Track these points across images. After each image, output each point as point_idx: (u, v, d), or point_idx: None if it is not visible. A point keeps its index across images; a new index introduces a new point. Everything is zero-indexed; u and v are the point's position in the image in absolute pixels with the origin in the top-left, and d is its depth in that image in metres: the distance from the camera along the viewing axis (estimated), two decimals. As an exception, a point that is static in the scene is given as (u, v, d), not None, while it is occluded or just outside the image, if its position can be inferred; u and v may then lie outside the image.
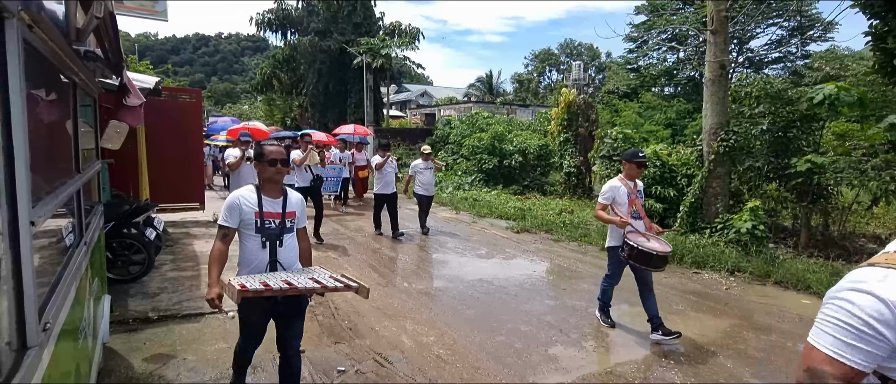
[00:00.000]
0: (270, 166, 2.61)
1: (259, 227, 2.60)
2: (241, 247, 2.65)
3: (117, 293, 4.86)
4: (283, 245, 2.66)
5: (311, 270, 2.73)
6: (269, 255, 2.63)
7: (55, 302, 1.65)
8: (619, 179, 4.25)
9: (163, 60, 68.87)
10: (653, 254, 3.91)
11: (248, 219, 2.59)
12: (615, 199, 4.16)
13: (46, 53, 1.64)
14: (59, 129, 2.26)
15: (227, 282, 2.32)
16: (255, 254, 2.62)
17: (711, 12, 7.61)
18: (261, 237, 2.60)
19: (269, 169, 2.61)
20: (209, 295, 2.43)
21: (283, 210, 2.67)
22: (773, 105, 7.38)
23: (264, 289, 2.25)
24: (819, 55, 21.35)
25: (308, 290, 2.38)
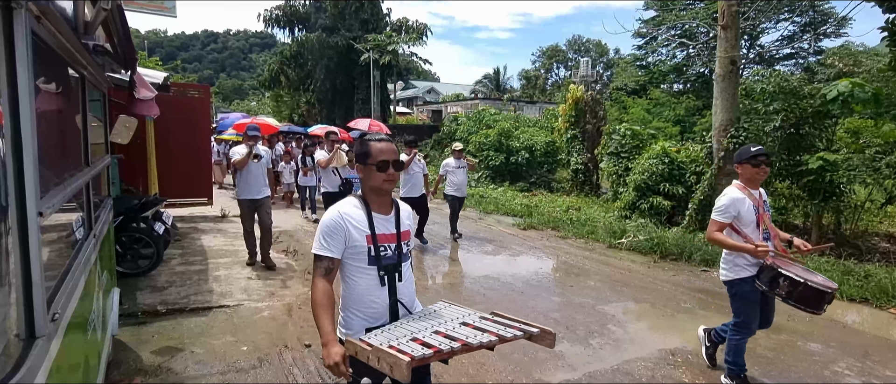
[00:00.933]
0: (380, 171, 1.86)
1: (373, 257, 1.89)
2: (348, 286, 1.93)
3: (126, 286, 4.91)
4: (402, 278, 1.97)
5: (447, 313, 2.00)
6: (389, 295, 1.92)
7: (64, 293, 1.66)
8: (738, 188, 3.13)
9: (172, 57, 69.40)
10: (827, 291, 2.87)
11: (358, 246, 1.88)
12: (739, 216, 3.05)
13: (55, 46, 1.65)
14: (68, 123, 2.28)
15: (367, 344, 1.62)
16: (370, 294, 1.90)
17: (722, 7, 7.51)
18: (377, 270, 1.90)
19: (377, 175, 1.86)
20: (331, 358, 1.68)
21: (398, 229, 1.97)
22: (788, 102, 7.28)
23: (433, 353, 1.60)
24: (832, 51, 21.04)
25: (484, 346, 1.71)
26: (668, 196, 8.26)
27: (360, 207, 1.91)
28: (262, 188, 5.76)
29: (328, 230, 1.85)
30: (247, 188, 5.69)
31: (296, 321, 4.34)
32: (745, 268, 3.07)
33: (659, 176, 8.35)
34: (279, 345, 3.84)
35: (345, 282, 1.94)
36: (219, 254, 6.56)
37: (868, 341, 4.16)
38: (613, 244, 7.47)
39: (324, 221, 1.88)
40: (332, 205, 1.92)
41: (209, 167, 8.66)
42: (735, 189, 3.13)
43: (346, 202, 1.95)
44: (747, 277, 3.05)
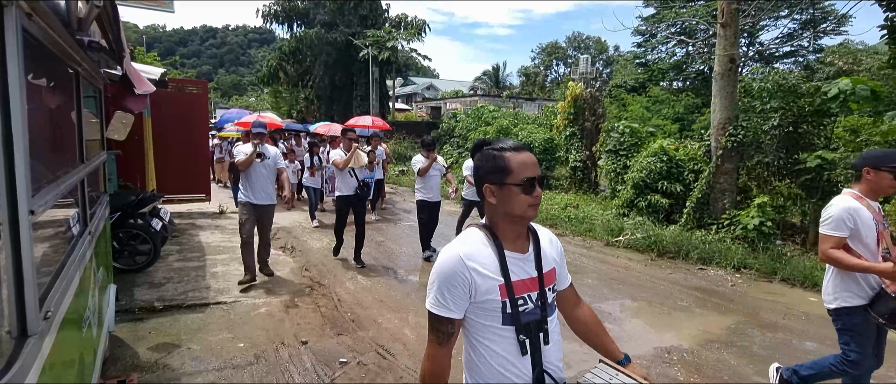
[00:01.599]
0: (526, 193, 1.35)
1: (510, 314, 1.37)
2: (474, 355, 1.43)
3: (123, 283, 4.91)
4: (549, 340, 1.44)
5: None
6: (532, 366, 1.39)
7: (58, 290, 1.66)
8: (854, 197, 2.61)
9: (171, 52, 69.16)
10: None
11: (489, 300, 1.36)
12: (857, 229, 2.54)
13: (47, 42, 1.64)
14: (63, 119, 2.27)
15: None
16: (506, 366, 1.39)
17: (722, 5, 7.50)
18: (515, 333, 1.38)
19: (521, 198, 1.35)
20: None
21: (540, 271, 1.42)
22: (786, 100, 7.27)
23: None
24: (831, 50, 21.02)
25: None
26: (667, 194, 8.27)
27: (487, 244, 1.38)
28: (269, 193, 5.14)
29: (446, 280, 1.34)
30: (250, 190, 5.06)
31: (292, 318, 4.34)
32: (858, 296, 2.59)
33: (657, 174, 8.35)
34: (276, 341, 3.85)
35: (470, 349, 1.43)
36: (216, 250, 6.56)
37: (863, 340, 4.16)
38: (611, 242, 7.48)
39: (440, 268, 1.35)
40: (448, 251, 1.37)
41: (207, 163, 8.64)
42: (850, 198, 2.60)
43: (469, 238, 1.40)
44: (859, 306, 2.58)
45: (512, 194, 1.36)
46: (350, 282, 5.40)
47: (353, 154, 5.80)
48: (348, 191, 5.91)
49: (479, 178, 1.42)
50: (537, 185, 1.37)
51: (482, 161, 1.42)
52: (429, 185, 6.37)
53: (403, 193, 13.33)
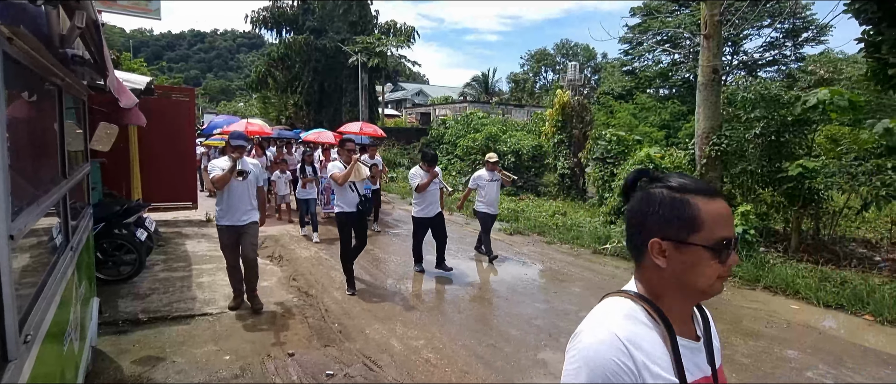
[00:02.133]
0: (719, 260, 0.94)
1: None
2: None
3: (107, 294, 4.84)
4: None
5: None
6: None
7: (38, 312, 1.64)
8: None
9: (158, 57, 68.46)
10: None
11: None
12: None
13: (28, 63, 1.63)
14: (44, 135, 2.25)
15: None
16: None
17: (705, 17, 7.65)
18: None
19: (712, 266, 0.94)
20: None
21: (713, 366, 1.06)
22: (769, 109, 7.43)
23: None
24: (813, 58, 21.50)
25: None
26: (653, 201, 8.37)
27: (651, 327, 0.96)
28: (248, 211, 4.57)
29: (602, 373, 0.90)
30: (228, 211, 4.48)
31: (279, 329, 4.31)
32: None
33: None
34: (262, 353, 3.82)
35: None
36: (203, 259, 6.49)
37: (843, 347, 4.26)
38: (598, 249, 7.55)
39: (592, 354, 0.93)
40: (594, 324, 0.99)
41: (194, 171, 8.56)
42: None
43: (619, 311, 0.99)
44: None
45: (699, 260, 0.94)
46: (338, 292, 5.38)
47: (353, 167, 5.15)
48: (349, 207, 5.26)
49: (640, 225, 1.00)
50: (733, 248, 0.95)
51: (651, 204, 0.98)
52: (427, 201, 6.00)
53: (392, 200, 13.32)
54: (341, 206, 5.30)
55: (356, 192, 5.29)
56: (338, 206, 5.34)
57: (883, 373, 3.79)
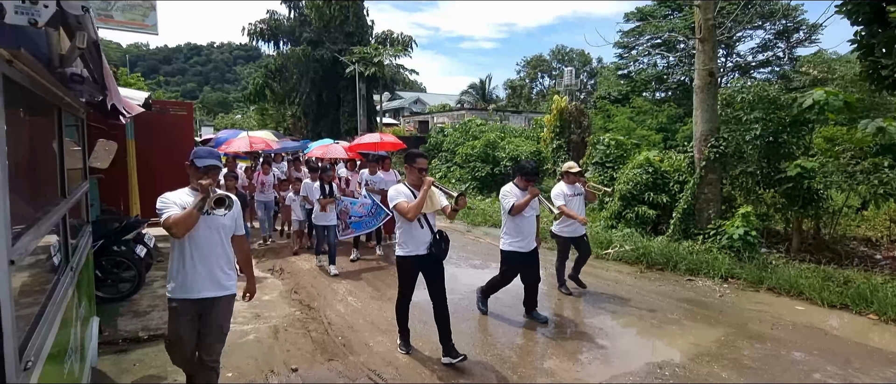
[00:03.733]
0: None
1: None
2: None
3: (107, 312, 4.79)
4: None
5: None
6: None
7: (39, 336, 1.61)
8: None
9: (155, 70, 68.63)
10: None
11: None
12: None
13: (28, 84, 1.62)
14: (43, 155, 2.23)
15: None
16: None
17: (699, 21, 7.70)
18: None
19: None
20: None
21: None
22: (766, 111, 7.45)
23: None
24: (806, 59, 21.64)
25: None
26: (653, 205, 8.37)
27: None
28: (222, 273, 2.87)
29: None
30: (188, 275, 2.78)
31: (282, 344, 4.27)
32: None
33: (643, 185, 8.45)
34: (265, 370, 3.78)
35: None
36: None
37: (849, 348, 4.23)
38: (600, 254, 7.52)
39: None
40: None
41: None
42: None
43: None
44: None
45: None
46: (340, 305, 5.34)
47: (426, 193, 3.65)
48: (417, 248, 3.81)
49: None
50: None
51: None
52: (524, 231, 4.66)
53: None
54: (406, 248, 3.82)
55: (428, 226, 3.87)
56: (401, 246, 3.86)
57: (889, 373, 3.76)
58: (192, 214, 2.61)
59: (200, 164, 2.79)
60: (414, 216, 3.68)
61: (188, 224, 2.61)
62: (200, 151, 2.90)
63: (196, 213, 2.63)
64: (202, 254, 2.80)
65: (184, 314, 2.81)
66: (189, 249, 2.78)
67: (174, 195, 2.80)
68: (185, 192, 2.87)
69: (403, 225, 3.82)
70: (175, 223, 2.58)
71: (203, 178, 2.72)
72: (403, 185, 3.93)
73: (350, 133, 24.50)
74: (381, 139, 10.32)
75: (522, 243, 4.68)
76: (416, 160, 3.87)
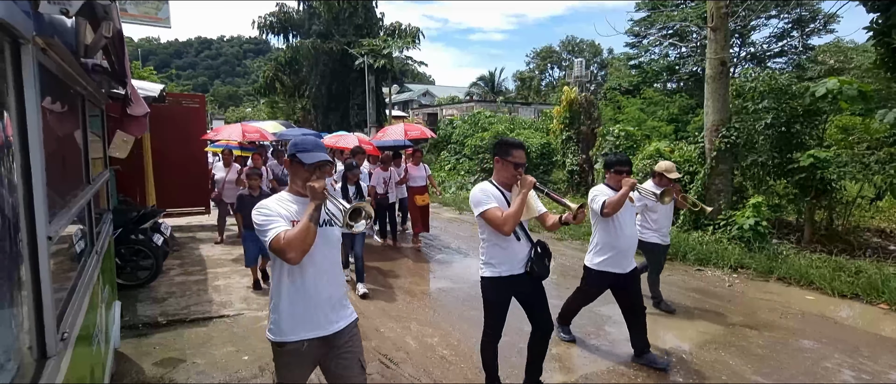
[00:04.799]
0: None
1: None
2: None
3: (127, 298, 4.94)
4: None
5: None
6: None
7: (71, 311, 1.71)
8: None
9: (166, 64, 69.23)
10: None
11: None
12: None
13: (57, 72, 1.70)
14: (70, 142, 2.32)
15: None
16: None
17: (711, 9, 7.61)
18: None
19: None
20: None
21: None
22: (778, 100, 7.38)
23: None
24: (822, 48, 21.24)
25: None
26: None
27: None
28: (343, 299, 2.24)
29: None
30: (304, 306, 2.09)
31: (296, 329, 4.38)
32: None
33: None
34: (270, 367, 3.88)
35: None
36: (217, 263, 6.59)
37: (859, 337, 4.23)
38: (609, 245, 7.53)
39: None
40: None
41: (206, 176, 8.66)
42: None
43: None
44: None
45: None
46: (350, 292, 5.44)
47: (525, 196, 2.76)
48: (510, 266, 2.93)
49: None
50: None
51: None
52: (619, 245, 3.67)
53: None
54: (496, 267, 2.92)
55: (525, 238, 2.95)
56: (489, 265, 2.95)
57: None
58: (309, 230, 1.88)
59: (307, 161, 2.01)
60: (512, 228, 2.72)
61: (307, 243, 1.88)
62: (305, 142, 2.10)
63: (314, 228, 1.92)
64: (323, 277, 2.08)
65: (305, 358, 2.14)
66: (310, 273, 2.03)
67: (273, 203, 2.04)
68: (286, 198, 2.09)
69: (491, 238, 2.90)
70: (289, 244, 1.88)
71: (312, 177, 2.01)
72: (490, 185, 2.92)
73: (360, 126, 24.62)
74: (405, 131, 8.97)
75: (618, 261, 3.65)
76: (511, 152, 2.85)
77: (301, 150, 2.07)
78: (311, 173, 2.03)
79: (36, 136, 1.25)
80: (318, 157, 2.05)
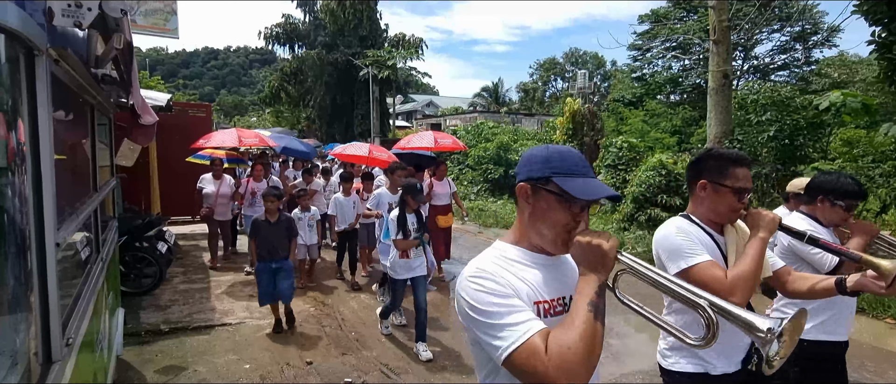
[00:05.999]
0: None
1: None
2: None
3: (130, 305, 4.96)
4: None
5: None
6: None
7: (76, 318, 1.73)
8: None
9: (173, 74, 70.05)
10: None
11: None
12: None
13: (69, 82, 1.74)
14: (79, 150, 2.36)
15: None
16: None
17: (713, 23, 7.67)
18: None
19: None
20: None
21: None
22: (780, 112, 7.40)
23: None
24: (827, 62, 21.27)
25: None
26: (666, 207, 8.33)
27: None
28: None
29: None
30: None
31: (297, 338, 4.38)
32: None
33: (656, 187, 8.42)
34: (281, 362, 3.89)
35: None
36: (220, 271, 6.61)
37: (865, 351, 4.19)
38: (612, 256, 7.51)
39: None
40: None
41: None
42: None
43: None
44: None
45: None
46: (353, 301, 5.44)
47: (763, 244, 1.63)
48: (728, 359, 1.74)
49: None
50: None
51: None
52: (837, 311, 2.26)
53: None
54: (700, 360, 1.78)
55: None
56: (686, 358, 1.84)
57: (907, 378, 3.72)
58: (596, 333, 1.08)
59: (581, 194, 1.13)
60: (745, 296, 1.58)
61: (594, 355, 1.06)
62: (569, 157, 1.21)
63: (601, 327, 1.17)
64: None
65: None
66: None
67: (495, 266, 1.22)
68: (514, 255, 1.27)
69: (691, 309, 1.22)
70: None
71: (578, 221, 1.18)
72: (689, 223, 1.79)
73: (363, 136, 24.75)
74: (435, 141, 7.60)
75: (834, 325, 2.25)
76: (730, 171, 1.71)
77: (564, 172, 1.14)
78: (577, 215, 1.14)
79: (47, 144, 1.28)
80: (598, 189, 1.14)
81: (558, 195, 1.13)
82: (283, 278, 4.32)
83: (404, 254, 4.03)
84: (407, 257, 4.04)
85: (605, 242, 1.10)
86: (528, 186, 1.18)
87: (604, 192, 1.14)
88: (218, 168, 6.81)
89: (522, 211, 1.23)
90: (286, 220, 4.50)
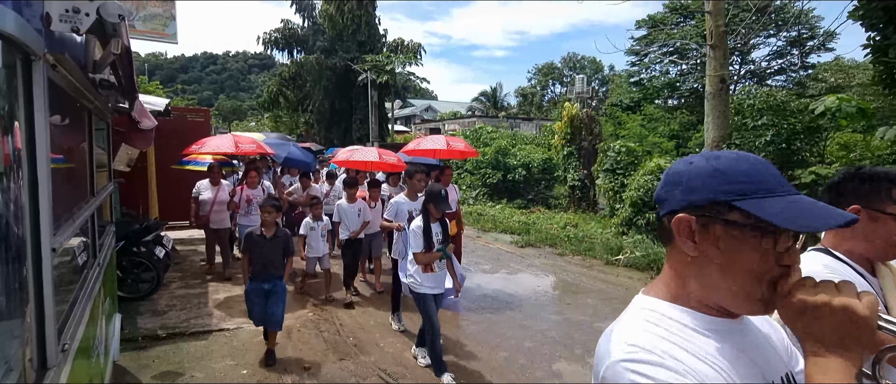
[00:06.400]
0: None
1: None
2: None
3: (127, 311, 4.94)
4: None
5: None
6: None
7: (72, 324, 1.72)
8: None
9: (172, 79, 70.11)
10: None
11: None
12: None
13: (66, 87, 1.74)
14: (76, 155, 2.36)
15: None
16: None
17: (710, 28, 7.71)
18: None
19: None
20: None
21: None
22: (776, 117, 7.43)
23: None
24: (823, 66, 21.39)
25: None
26: (664, 212, 8.34)
27: None
28: None
29: None
30: None
31: (295, 343, 4.36)
32: None
33: (654, 192, 8.44)
34: (279, 368, 3.87)
35: None
36: (218, 276, 6.58)
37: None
38: (611, 261, 7.52)
39: None
40: None
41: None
42: None
43: None
44: None
45: None
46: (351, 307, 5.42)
47: None
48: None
49: None
50: None
51: None
52: None
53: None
54: None
55: None
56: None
57: (906, 382, 3.72)
58: None
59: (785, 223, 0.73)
60: None
61: None
62: (755, 171, 0.81)
63: None
64: None
65: None
66: None
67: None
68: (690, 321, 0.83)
69: None
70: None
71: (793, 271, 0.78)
72: (829, 257, 1.41)
73: (361, 141, 24.76)
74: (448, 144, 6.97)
75: None
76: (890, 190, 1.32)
77: (753, 192, 0.78)
78: (782, 256, 0.76)
79: (44, 149, 1.28)
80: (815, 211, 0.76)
81: (751, 228, 0.75)
82: (275, 303, 3.82)
83: (428, 268, 3.70)
84: (432, 270, 3.71)
85: (856, 301, 0.68)
86: (694, 219, 0.80)
87: (828, 217, 0.73)
88: (216, 173, 6.41)
89: (681, 256, 0.85)
90: (284, 237, 3.96)
